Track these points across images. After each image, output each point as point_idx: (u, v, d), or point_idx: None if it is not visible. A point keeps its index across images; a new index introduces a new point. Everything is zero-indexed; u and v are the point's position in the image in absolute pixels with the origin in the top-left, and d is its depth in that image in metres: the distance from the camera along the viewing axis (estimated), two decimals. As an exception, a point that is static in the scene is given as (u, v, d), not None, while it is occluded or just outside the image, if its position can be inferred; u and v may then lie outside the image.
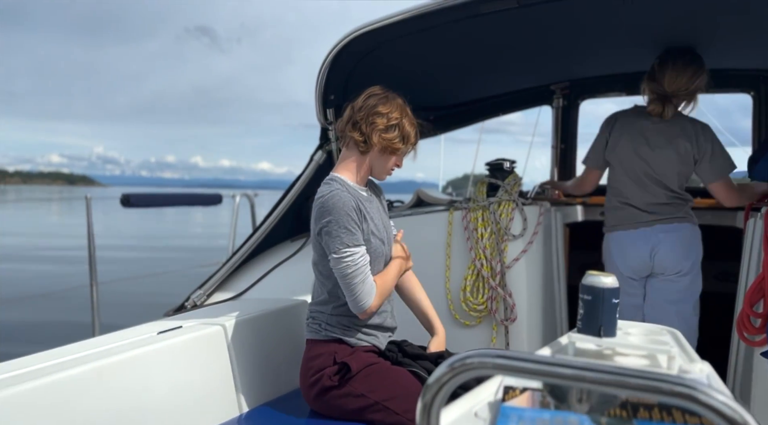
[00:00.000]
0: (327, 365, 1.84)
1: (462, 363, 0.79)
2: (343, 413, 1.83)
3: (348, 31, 2.35)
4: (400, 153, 1.93)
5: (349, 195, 1.81)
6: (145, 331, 1.94)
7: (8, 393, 1.40)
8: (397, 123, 1.87)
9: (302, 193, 2.80)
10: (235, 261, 2.69)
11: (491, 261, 2.42)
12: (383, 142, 1.86)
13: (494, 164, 2.65)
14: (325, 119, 2.63)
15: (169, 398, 1.77)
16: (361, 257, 1.79)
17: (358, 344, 1.87)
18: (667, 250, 2.43)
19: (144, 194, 2.87)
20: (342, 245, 1.77)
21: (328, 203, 1.78)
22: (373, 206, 1.95)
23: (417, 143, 1.97)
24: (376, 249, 1.86)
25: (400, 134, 1.88)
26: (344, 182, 1.88)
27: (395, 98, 1.91)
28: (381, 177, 1.97)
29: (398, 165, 1.96)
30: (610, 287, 1.32)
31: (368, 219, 1.86)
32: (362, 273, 1.79)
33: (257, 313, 2.18)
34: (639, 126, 2.52)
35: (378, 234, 1.89)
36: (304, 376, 1.90)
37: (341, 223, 1.77)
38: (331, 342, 1.88)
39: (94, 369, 1.59)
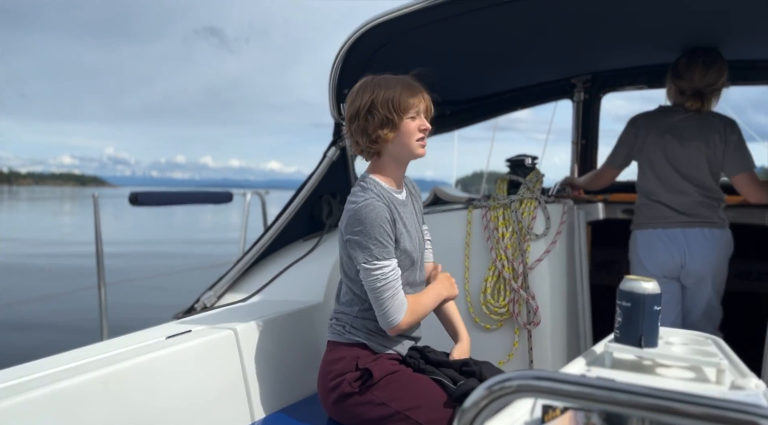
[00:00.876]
0: (348, 370, 1.74)
1: (501, 386, 0.71)
2: (362, 421, 1.73)
3: (361, 23, 2.27)
4: (403, 129, 1.70)
5: (383, 205, 1.69)
6: (154, 336, 1.87)
7: (16, 401, 1.34)
8: (369, 107, 1.69)
9: (315, 191, 2.72)
10: (247, 261, 2.61)
11: (513, 262, 2.32)
12: (375, 135, 1.70)
13: (515, 160, 2.55)
14: (338, 114, 2.54)
15: (178, 405, 1.69)
16: (392, 271, 1.68)
17: (382, 350, 1.77)
18: (700, 257, 2.40)
19: (153, 192, 2.79)
20: (372, 258, 1.67)
21: (360, 213, 1.67)
22: (407, 211, 1.83)
23: (422, 96, 1.74)
24: (408, 255, 1.76)
25: (385, 112, 1.68)
26: (379, 185, 1.76)
27: (365, 81, 1.75)
28: (415, 155, 1.76)
29: (425, 129, 1.74)
30: (652, 294, 1.22)
31: (401, 225, 1.75)
32: (392, 288, 1.69)
33: (270, 316, 2.10)
34: (667, 125, 2.49)
35: (411, 240, 1.78)
36: (323, 379, 1.80)
37: (372, 235, 1.66)
38: (354, 346, 1.77)
39: (101, 376, 1.53)
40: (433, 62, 2.60)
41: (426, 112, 1.77)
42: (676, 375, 1.13)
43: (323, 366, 1.82)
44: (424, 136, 1.75)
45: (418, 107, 1.73)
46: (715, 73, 2.42)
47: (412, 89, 1.73)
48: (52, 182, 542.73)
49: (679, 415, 0.62)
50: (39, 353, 1.74)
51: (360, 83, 1.77)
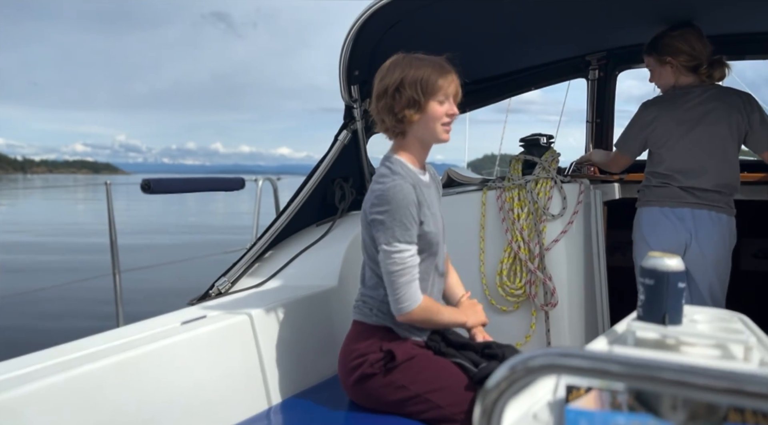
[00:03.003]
0: (371, 351, 1.73)
1: (524, 365, 0.69)
2: (382, 404, 1.73)
3: (371, 2, 2.22)
4: (429, 111, 1.67)
5: (410, 186, 1.66)
6: (169, 321, 1.87)
7: (33, 387, 1.36)
8: (397, 85, 1.65)
9: (327, 175, 2.70)
10: (260, 247, 2.60)
11: (529, 243, 2.29)
12: (402, 114, 1.66)
13: (529, 139, 2.50)
14: (349, 96, 2.51)
15: (195, 391, 1.70)
16: (410, 256, 1.65)
17: (407, 336, 1.76)
18: (706, 239, 2.30)
19: (165, 179, 2.78)
20: (393, 239, 1.64)
21: (388, 194, 1.64)
22: (431, 193, 1.80)
23: (453, 79, 1.70)
24: (432, 237, 1.73)
25: (413, 92, 1.64)
26: (404, 165, 1.72)
27: (396, 59, 1.71)
28: (440, 140, 1.73)
29: (452, 114, 1.70)
30: (676, 271, 1.19)
31: (426, 208, 1.72)
32: (409, 274, 1.65)
33: (285, 300, 2.09)
34: (682, 108, 2.36)
35: (435, 223, 1.75)
36: (345, 359, 1.79)
37: (397, 216, 1.63)
38: (379, 328, 1.76)
39: (118, 362, 1.53)
40: (443, 42, 2.55)
41: (455, 97, 1.73)
42: (702, 353, 1.11)
43: (346, 345, 1.81)
44: (450, 121, 1.72)
45: (447, 90, 1.69)
46: (708, 43, 2.35)
47: (443, 72, 1.69)
48: (65, 169, 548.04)
49: (712, 391, 0.59)
50: (56, 339, 1.75)
51: (391, 60, 1.72)
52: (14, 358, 1.52)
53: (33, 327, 6.18)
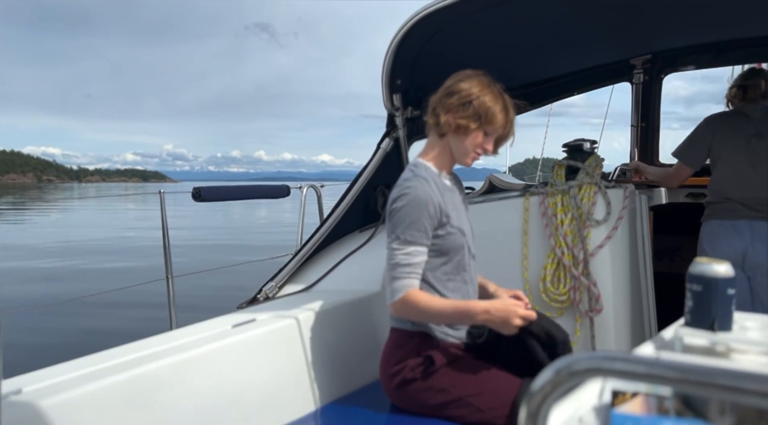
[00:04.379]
0: (410, 356, 1.77)
1: (570, 369, 0.70)
2: (424, 407, 1.75)
3: (413, 12, 2.26)
4: (475, 133, 1.74)
5: (429, 188, 1.72)
6: (220, 324, 1.94)
7: (95, 386, 1.43)
8: (472, 100, 1.72)
9: (370, 182, 2.74)
10: (305, 253, 2.66)
11: (573, 249, 2.27)
12: (454, 121, 1.73)
13: (573, 145, 2.49)
14: (391, 104, 2.55)
15: (244, 392, 1.76)
16: (403, 254, 1.68)
17: (444, 339, 1.79)
18: (764, 249, 2.37)
19: (214, 187, 2.88)
20: (395, 237, 1.70)
21: (404, 192, 1.71)
22: (455, 197, 1.85)
23: (509, 124, 1.78)
24: (455, 240, 1.77)
25: (476, 112, 1.71)
26: (429, 169, 1.79)
27: (478, 76, 1.77)
28: (463, 161, 1.81)
29: (487, 149, 1.79)
30: (725, 277, 1.18)
31: (448, 209, 1.76)
32: (395, 270, 1.69)
33: (330, 305, 2.14)
34: (744, 124, 2.50)
35: (458, 225, 1.79)
36: (385, 365, 1.83)
37: (404, 215, 1.69)
38: (416, 334, 1.79)
39: (172, 363, 1.60)
40: (486, 49, 2.58)
41: (501, 139, 1.82)
42: (753, 360, 1.09)
43: (385, 352, 1.85)
44: (481, 153, 1.80)
45: (498, 131, 1.78)
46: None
47: (508, 115, 1.77)
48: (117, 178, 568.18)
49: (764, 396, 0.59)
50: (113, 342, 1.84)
51: (475, 72, 1.79)
52: (74, 359, 1.60)
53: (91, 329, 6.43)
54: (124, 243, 16.01)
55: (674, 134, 5.20)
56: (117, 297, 5.52)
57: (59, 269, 11.40)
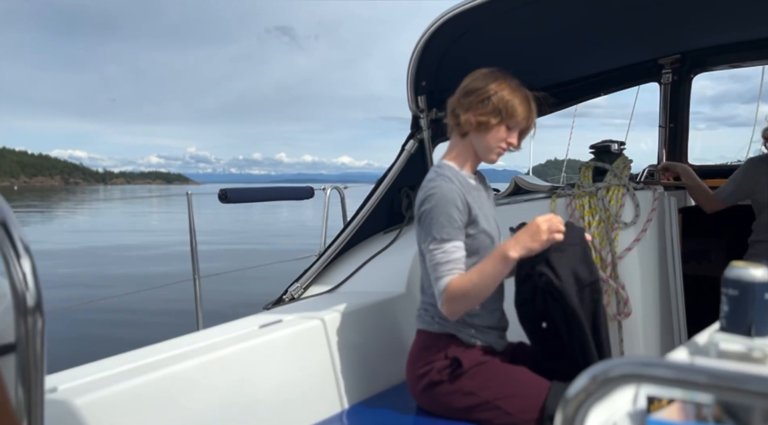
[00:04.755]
0: (437, 358, 1.76)
1: (605, 375, 0.69)
2: (450, 410, 1.74)
3: (440, 14, 2.26)
4: (497, 128, 1.73)
5: (454, 186, 1.72)
6: (247, 325, 1.95)
7: (125, 386, 1.45)
8: (490, 95, 1.71)
9: (394, 184, 2.74)
10: (330, 254, 2.67)
11: (600, 251, 2.25)
12: (475, 118, 1.73)
13: (600, 146, 2.46)
14: (416, 106, 2.55)
15: (271, 392, 1.77)
16: (441, 253, 1.68)
17: (471, 342, 1.77)
18: None
19: (240, 189, 2.91)
20: (430, 239, 1.70)
21: (430, 193, 1.72)
22: (481, 196, 1.85)
23: (530, 115, 1.77)
24: (483, 240, 1.76)
25: (495, 107, 1.71)
26: (452, 169, 1.79)
27: (493, 72, 1.77)
28: (487, 158, 1.81)
29: (511, 143, 1.78)
30: (762, 281, 1.15)
31: (475, 208, 1.75)
32: (437, 270, 1.68)
33: (356, 306, 2.15)
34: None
35: (486, 224, 1.78)
36: (412, 367, 1.82)
37: (435, 215, 1.69)
38: (443, 336, 1.78)
39: (201, 363, 1.62)
40: (512, 49, 2.56)
41: (524, 132, 1.81)
42: None
43: (412, 354, 1.84)
44: (506, 149, 1.79)
45: (521, 124, 1.77)
46: None
47: (529, 107, 1.77)
48: (141, 180, 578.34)
49: None
50: (140, 341, 1.86)
51: (491, 70, 1.79)
52: (105, 359, 1.62)
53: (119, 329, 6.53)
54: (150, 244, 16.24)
55: (701, 134, 5.10)
56: (145, 297, 5.62)
57: (84, 272, 11.64)
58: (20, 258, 0.68)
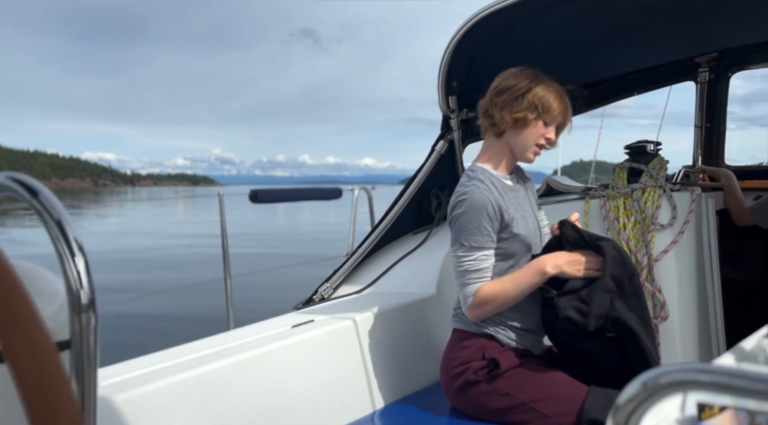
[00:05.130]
0: (474, 358, 1.74)
1: (656, 382, 0.66)
2: (485, 411, 1.73)
3: (472, 14, 2.24)
4: (534, 124, 1.72)
5: (487, 191, 1.70)
6: (279, 325, 1.96)
7: (160, 384, 1.45)
8: (524, 92, 1.71)
9: (424, 185, 2.73)
10: (360, 254, 2.68)
11: (636, 254, 2.20)
12: (511, 116, 1.72)
13: (635, 146, 2.41)
14: (447, 106, 2.54)
15: (304, 392, 1.77)
16: (470, 261, 1.69)
17: (509, 343, 1.76)
18: None
19: (271, 189, 2.93)
20: (458, 245, 1.70)
21: (461, 198, 1.72)
22: (519, 196, 1.83)
23: (566, 110, 1.75)
24: (518, 244, 1.74)
25: (531, 103, 1.70)
26: (486, 171, 1.78)
27: (523, 70, 1.76)
28: (525, 158, 1.79)
29: (550, 139, 1.76)
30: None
31: (510, 211, 1.73)
32: (464, 277, 1.70)
33: (387, 307, 2.14)
34: None
35: (525, 224, 1.76)
36: (447, 366, 1.81)
37: (464, 221, 1.69)
38: (480, 337, 1.77)
39: (236, 362, 1.62)
40: (545, 49, 2.53)
41: (560, 127, 1.80)
42: None
43: (447, 353, 1.83)
44: (544, 145, 1.77)
45: (557, 119, 1.76)
46: None
47: (564, 101, 1.76)
48: (168, 182, 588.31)
49: None
50: (174, 340, 1.88)
51: (520, 68, 1.78)
52: (137, 357, 1.64)
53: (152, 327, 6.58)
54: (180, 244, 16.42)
55: (730, 134, 4.99)
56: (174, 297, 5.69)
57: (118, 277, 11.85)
58: (75, 257, 0.69)
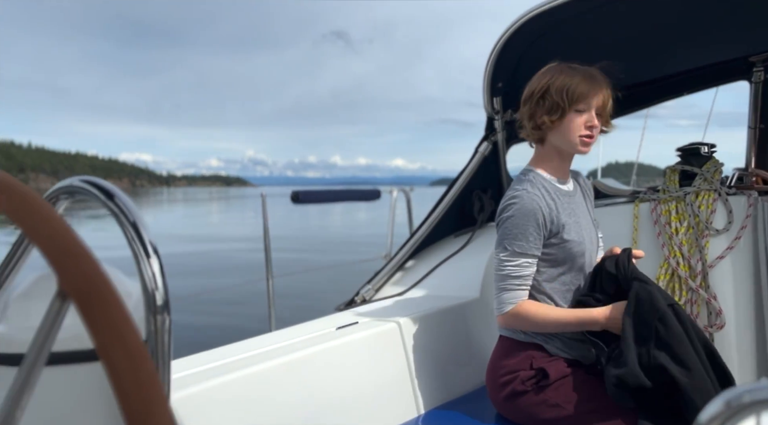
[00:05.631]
0: (522, 368, 1.71)
1: (740, 402, 0.63)
2: (533, 421, 1.69)
3: (520, 14, 2.21)
4: (569, 117, 1.64)
5: (537, 197, 1.66)
6: (324, 326, 1.96)
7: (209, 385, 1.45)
8: (546, 89, 1.65)
9: (467, 187, 2.70)
10: (402, 256, 2.66)
11: (689, 259, 2.13)
12: (542, 118, 1.67)
13: (688, 149, 2.34)
14: (491, 107, 2.51)
15: (349, 394, 1.76)
16: (512, 266, 1.65)
17: (557, 353, 1.72)
18: None
19: (310, 190, 2.95)
20: (502, 248, 1.68)
21: (510, 202, 1.68)
22: (576, 202, 1.78)
23: (598, 88, 1.65)
24: (571, 249, 1.70)
25: (556, 98, 1.63)
26: (539, 175, 1.74)
27: (548, 68, 1.71)
28: (576, 151, 1.70)
29: (593, 126, 1.65)
30: None
31: (562, 216, 1.69)
32: (504, 281, 1.67)
33: (431, 310, 2.12)
34: None
35: (579, 231, 1.72)
36: (493, 374, 1.78)
37: (512, 226, 1.66)
38: (529, 345, 1.74)
39: (282, 363, 1.62)
40: (592, 49, 2.48)
41: (600, 108, 1.68)
42: None
43: (493, 360, 1.80)
44: (590, 133, 1.67)
45: (590, 101, 1.66)
46: None
47: (592, 81, 1.66)
48: (202, 182, 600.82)
49: None
50: (218, 341, 1.89)
51: (544, 68, 1.74)
52: (185, 357, 1.65)
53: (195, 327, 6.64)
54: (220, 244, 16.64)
55: (780, 136, 4.69)
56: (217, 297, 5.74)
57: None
58: (150, 258, 0.69)
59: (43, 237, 0.43)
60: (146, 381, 0.38)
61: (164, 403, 0.38)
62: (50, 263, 0.41)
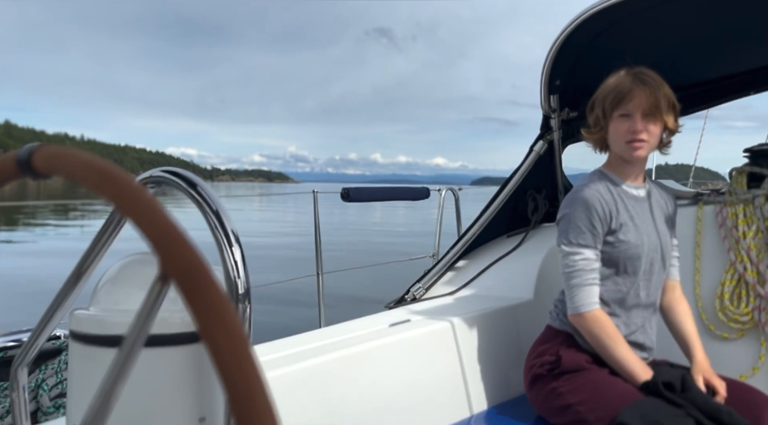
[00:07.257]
0: (548, 353, 1.72)
1: None
2: (545, 408, 1.71)
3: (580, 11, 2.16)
4: (614, 125, 1.65)
5: (598, 192, 1.66)
6: (375, 323, 1.96)
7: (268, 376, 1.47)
8: (596, 96, 1.71)
9: (520, 186, 2.66)
10: (453, 256, 2.64)
11: (758, 265, 2.04)
12: (593, 123, 1.72)
13: (757, 150, 2.23)
14: (548, 106, 2.46)
15: (402, 392, 1.76)
16: (582, 259, 1.64)
17: (587, 348, 1.70)
18: None
19: (361, 188, 2.97)
20: (567, 242, 1.66)
21: (573, 195, 1.70)
22: (641, 207, 1.74)
23: (634, 89, 1.60)
24: (627, 249, 1.66)
25: (596, 108, 1.69)
26: (605, 174, 1.74)
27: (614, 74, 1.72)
28: (630, 157, 1.66)
29: (636, 130, 1.60)
30: None
31: (621, 215, 1.67)
32: (580, 277, 1.64)
33: (484, 310, 2.10)
34: None
35: (635, 233, 1.68)
36: (527, 359, 1.81)
37: (573, 219, 1.65)
38: (561, 333, 1.75)
39: (335, 358, 1.63)
40: (653, 46, 2.40)
41: (648, 110, 1.61)
42: None
43: (532, 346, 1.83)
44: (634, 139, 1.62)
45: (629, 105, 1.61)
46: None
47: (636, 86, 1.61)
48: (245, 177, 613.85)
49: None
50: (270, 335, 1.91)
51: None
52: None
53: None
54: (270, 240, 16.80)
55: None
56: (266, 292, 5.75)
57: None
58: (232, 247, 0.70)
59: (147, 223, 0.43)
60: (247, 363, 0.38)
61: (264, 385, 0.38)
62: (154, 248, 0.42)
